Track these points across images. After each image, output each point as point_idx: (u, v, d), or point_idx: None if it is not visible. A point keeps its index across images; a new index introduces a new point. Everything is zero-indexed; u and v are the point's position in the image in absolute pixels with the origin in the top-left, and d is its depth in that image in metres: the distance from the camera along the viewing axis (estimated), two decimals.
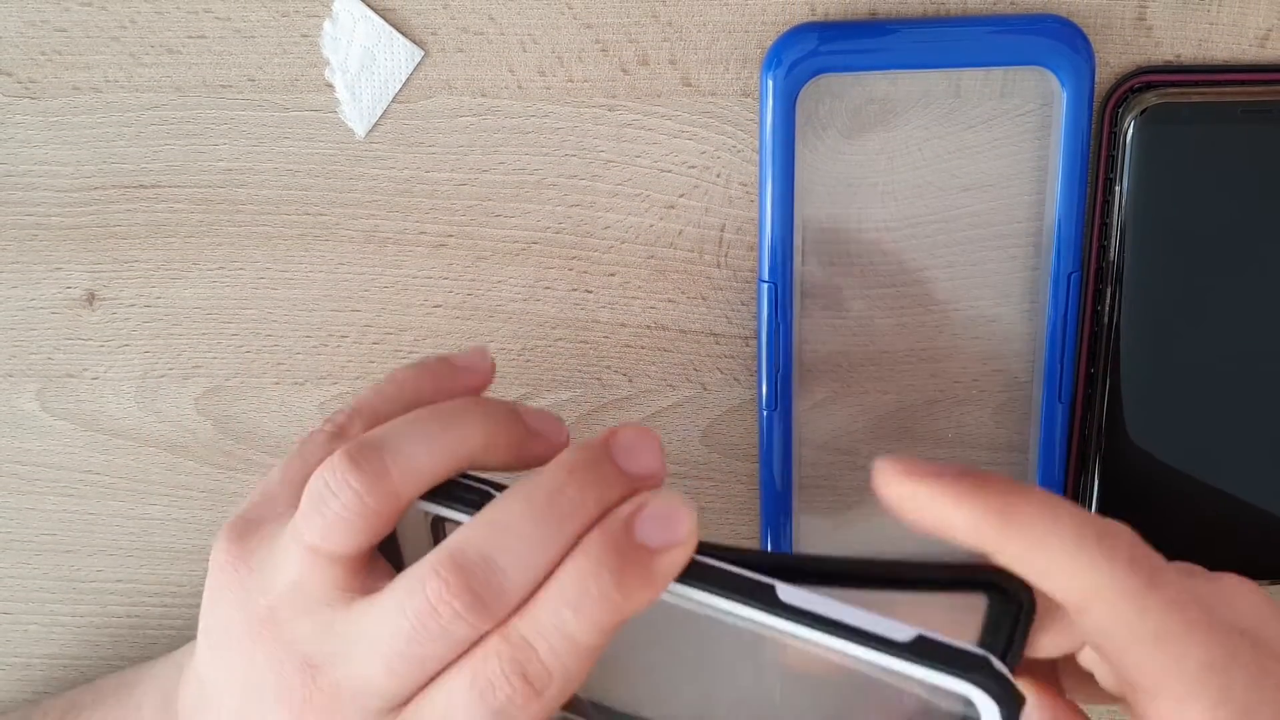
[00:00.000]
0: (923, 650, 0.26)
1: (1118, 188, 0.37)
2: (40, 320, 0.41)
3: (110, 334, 0.41)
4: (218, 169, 0.39)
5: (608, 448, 0.29)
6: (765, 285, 0.38)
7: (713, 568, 0.28)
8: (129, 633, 0.44)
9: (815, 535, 0.41)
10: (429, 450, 0.29)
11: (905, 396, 0.40)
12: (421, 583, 0.28)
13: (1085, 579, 0.26)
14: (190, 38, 0.38)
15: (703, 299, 0.40)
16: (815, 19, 0.37)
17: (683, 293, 0.40)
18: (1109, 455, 0.39)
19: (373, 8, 0.37)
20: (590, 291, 0.40)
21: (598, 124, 0.38)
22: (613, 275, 0.40)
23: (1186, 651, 0.26)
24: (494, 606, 0.27)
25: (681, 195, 0.39)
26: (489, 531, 0.28)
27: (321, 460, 0.29)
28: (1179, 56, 0.37)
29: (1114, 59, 0.37)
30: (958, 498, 0.27)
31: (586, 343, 0.40)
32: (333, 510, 0.28)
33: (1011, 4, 0.37)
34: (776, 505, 0.40)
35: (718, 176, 0.39)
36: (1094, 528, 0.27)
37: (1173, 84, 0.37)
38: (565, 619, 0.27)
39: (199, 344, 0.41)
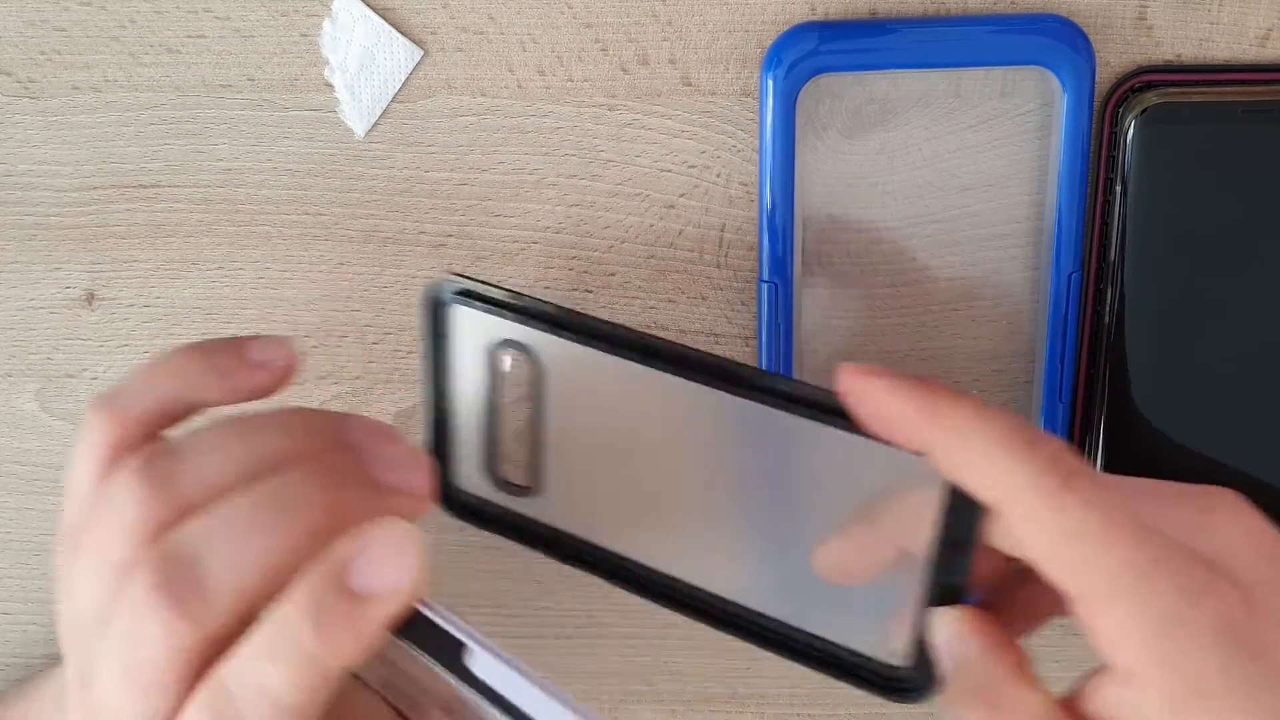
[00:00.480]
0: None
1: (1118, 188, 0.37)
2: (40, 320, 0.41)
3: (110, 334, 0.41)
4: (217, 169, 0.39)
5: (352, 431, 0.29)
6: (765, 285, 0.38)
7: (416, 621, 0.26)
8: None
9: None
10: (143, 389, 0.29)
11: None
12: (135, 579, 0.26)
13: (1002, 477, 0.26)
14: (190, 37, 0.38)
15: (703, 299, 0.40)
16: (815, 18, 0.37)
17: (683, 293, 0.40)
18: (1110, 456, 0.39)
19: (372, 7, 0.37)
20: (590, 291, 0.40)
21: (597, 123, 0.38)
22: (613, 275, 0.40)
23: (1106, 550, 0.25)
24: (194, 605, 0.26)
25: (681, 195, 0.39)
26: (206, 523, 0.26)
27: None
28: (1179, 56, 0.37)
29: (1114, 59, 0.37)
30: (895, 392, 0.27)
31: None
32: (115, 519, 0.27)
33: (1012, 4, 0.37)
34: None
35: (718, 176, 0.39)
36: (1021, 434, 0.26)
37: (1173, 84, 0.37)
38: (264, 672, 0.25)
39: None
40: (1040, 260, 0.38)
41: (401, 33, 0.38)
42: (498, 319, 0.31)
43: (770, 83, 0.36)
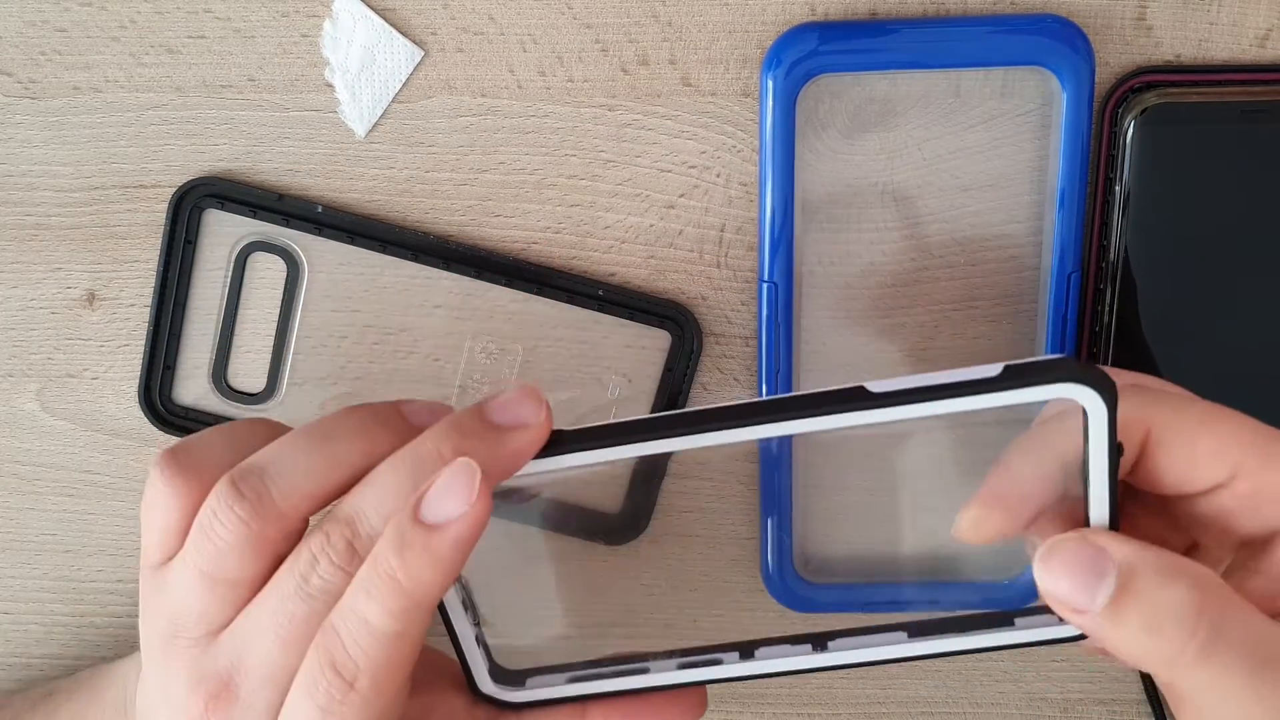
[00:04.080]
0: (1015, 376, 0.28)
1: (1118, 188, 0.37)
2: (40, 320, 0.41)
3: (110, 334, 0.41)
4: (218, 169, 0.39)
5: (482, 406, 0.30)
6: (765, 285, 0.38)
7: (796, 397, 0.29)
8: (128, 633, 0.44)
9: (815, 535, 0.41)
10: (309, 468, 0.30)
11: None
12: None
13: (1230, 450, 0.29)
14: (190, 38, 0.38)
15: (703, 299, 0.40)
16: (815, 19, 0.37)
17: (683, 293, 0.40)
18: None
19: (373, 7, 0.37)
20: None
21: (597, 124, 0.38)
22: (613, 275, 0.40)
23: None
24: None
25: (681, 195, 0.39)
26: (364, 491, 0.30)
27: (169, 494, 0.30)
28: (1179, 56, 0.37)
29: (1114, 59, 0.37)
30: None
31: (586, 343, 0.40)
32: (221, 538, 0.29)
33: (1011, 4, 0.37)
34: (777, 506, 0.40)
35: (717, 176, 0.39)
36: (1198, 405, 0.30)
37: (1173, 84, 0.37)
38: (361, 606, 0.28)
39: (199, 345, 0.41)
40: (1040, 260, 0.38)
41: (402, 33, 0.38)
42: (253, 220, 0.33)
43: (770, 83, 0.36)
